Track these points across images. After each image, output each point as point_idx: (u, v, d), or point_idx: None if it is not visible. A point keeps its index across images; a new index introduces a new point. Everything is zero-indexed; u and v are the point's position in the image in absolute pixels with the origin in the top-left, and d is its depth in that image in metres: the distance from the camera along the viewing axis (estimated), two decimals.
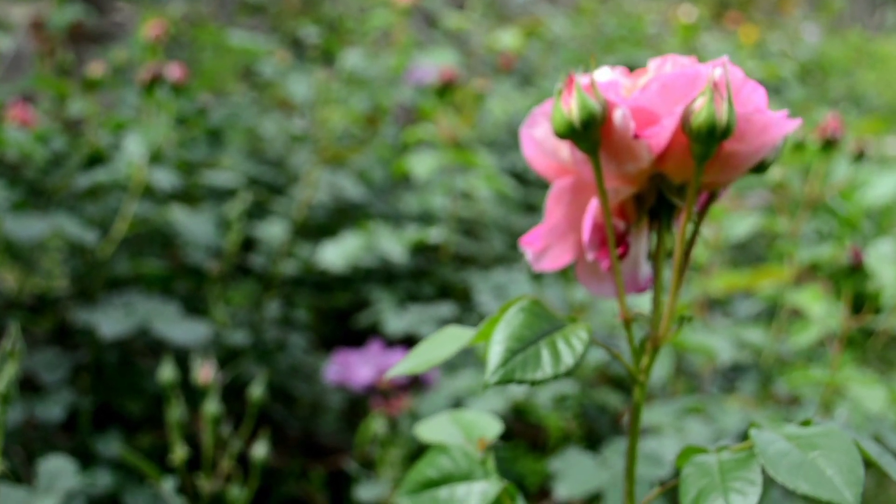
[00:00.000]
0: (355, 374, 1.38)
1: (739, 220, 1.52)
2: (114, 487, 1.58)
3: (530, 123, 0.67)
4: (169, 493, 1.19)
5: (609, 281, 0.71)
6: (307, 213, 2.13)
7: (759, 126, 0.62)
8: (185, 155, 2.06)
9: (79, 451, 1.69)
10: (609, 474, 1.28)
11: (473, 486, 0.74)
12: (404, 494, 0.76)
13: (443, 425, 0.80)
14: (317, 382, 2.05)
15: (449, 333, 0.68)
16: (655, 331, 0.66)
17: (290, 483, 2.03)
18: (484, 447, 0.76)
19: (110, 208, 1.88)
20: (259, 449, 1.22)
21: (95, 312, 1.67)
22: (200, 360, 1.23)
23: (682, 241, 0.64)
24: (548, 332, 0.63)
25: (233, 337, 1.84)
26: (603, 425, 1.90)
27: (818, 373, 1.26)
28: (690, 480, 0.64)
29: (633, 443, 0.68)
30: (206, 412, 1.18)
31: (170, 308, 1.68)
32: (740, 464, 0.63)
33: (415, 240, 1.76)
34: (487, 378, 0.60)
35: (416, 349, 0.68)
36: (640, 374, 0.67)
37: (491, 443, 0.76)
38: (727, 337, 1.52)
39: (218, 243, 1.91)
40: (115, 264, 1.90)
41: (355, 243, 1.73)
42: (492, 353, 0.61)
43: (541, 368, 0.61)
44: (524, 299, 0.63)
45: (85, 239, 1.68)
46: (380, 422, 1.39)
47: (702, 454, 0.67)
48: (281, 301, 2.12)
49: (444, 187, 1.97)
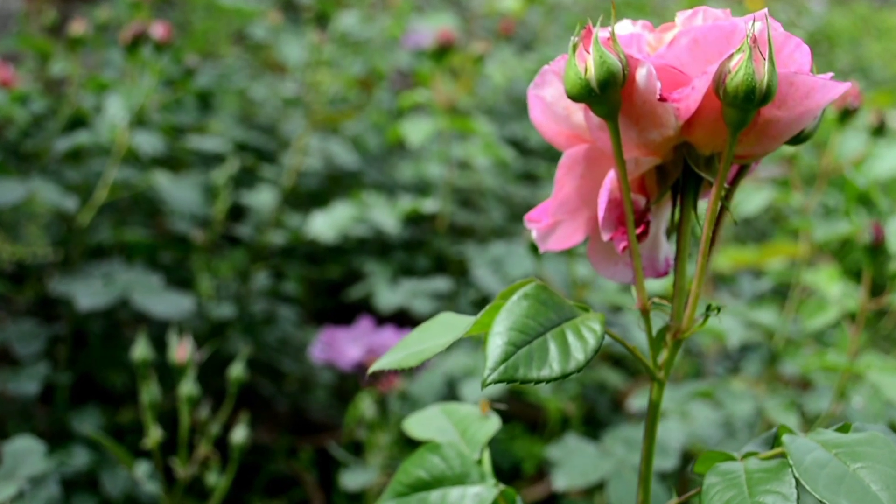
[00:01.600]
0: (343, 353, 1.30)
1: (752, 194, 1.43)
2: (90, 467, 1.51)
3: (538, 83, 0.59)
4: (142, 479, 1.11)
5: (624, 264, 0.63)
6: (298, 181, 2.04)
7: (802, 90, 0.54)
8: (171, 119, 1.97)
9: (55, 428, 1.61)
10: (611, 464, 1.20)
11: (468, 489, 0.66)
12: (390, 498, 0.68)
13: (434, 420, 0.72)
14: (306, 357, 1.97)
15: (443, 321, 0.60)
16: (677, 321, 0.58)
17: (279, 461, 1.96)
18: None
19: (92, 173, 1.80)
20: (238, 433, 1.14)
21: (74, 283, 1.58)
22: (177, 336, 1.15)
23: (710, 219, 0.56)
24: (556, 323, 0.55)
25: (218, 310, 1.76)
26: (603, 406, 1.83)
27: (835, 358, 1.18)
28: (714, 492, 0.56)
29: (649, 445, 0.60)
30: (181, 393, 1.10)
31: (152, 279, 1.60)
32: (771, 475, 0.56)
33: (408, 210, 1.68)
34: (486, 376, 0.52)
35: (406, 339, 0.60)
36: (659, 371, 0.59)
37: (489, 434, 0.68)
38: (736, 317, 1.44)
39: (204, 211, 1.83)
40: (96, 232, 1.82)
41: (346, 213, 1.65)
42: (491, 347, 0.53)
43: (547, 365, 0.53)
44: (528, 284, 0.55)
45: (63, 204, 1.60)
46: (368, 404, 1.31)
47: (726, 461, 0.59)
48: (270, 273, 2.04)
49: (440, 155, 1.88)
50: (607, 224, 0.57)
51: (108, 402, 1.78)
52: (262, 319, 1.92)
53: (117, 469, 1.49)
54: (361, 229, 1.83)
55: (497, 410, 0.72)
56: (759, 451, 0.60)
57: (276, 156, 2.14)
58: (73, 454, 1.51)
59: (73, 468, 1.50)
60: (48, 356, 1.67)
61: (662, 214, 0.62)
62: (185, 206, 1.78)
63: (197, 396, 1.11)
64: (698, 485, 0.58)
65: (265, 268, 2.00)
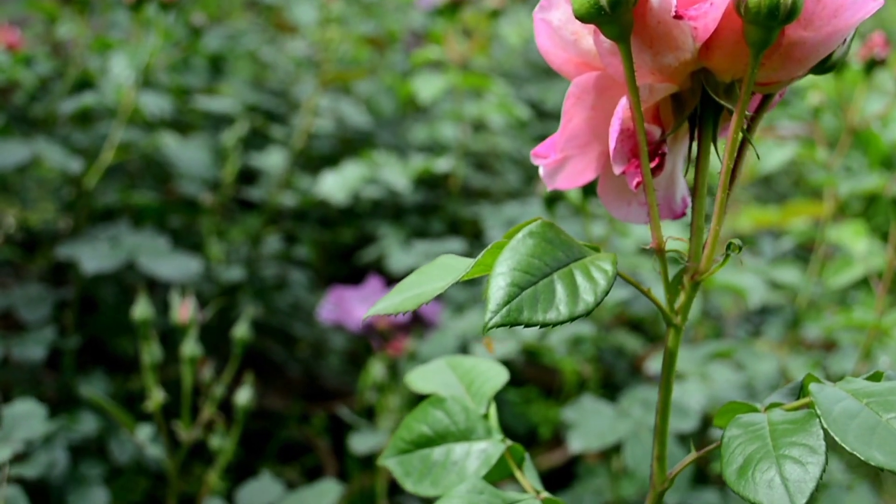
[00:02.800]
0: (351, 314, 1.26)
1: (774, 150, 1.38)
2: (98, 433, 1.48)
3: (545, 6, 0.54)
4: (144, 442, 1.08)
5: (638, 203, 0.58)
6: (309, 144, 2.00)
7: (830, 7, 0.49)
8: (179, 80, 1.94)
9: (63, 394, 1.58)
10: (628, 425, 1.16)
11: (473, 445, 0.62)
12: (391, 455, 0.65)
13: (439, 373, 0.68)
14: (318, 322, 1.94)
15: (443, 263, 0.56)
16: (695, 263, 0.54)
17: (291, 427, 1.93)
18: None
19: (99, 136, 1.76)
20: (243, 395, 1.11)
21: (79, 246, 1.55)
22: (180, 295, 1.11)
23: (730, 152, 0.51)
24: (563, 263, 0.51)
25: (228, 273, 1.73)
26: (620, 370, 1.78)
27: (862, 316, 1.13)
28: (735, 445, 0.52)
29: (665, 397, 0.56)
30: (183, 353, 1.07)
31: (159, 242, 1.57)
32: (797, 426, 0.51)
33: (420, 169, 1.64)
34: (487, 319, 0.48)
35: (404, 283, 0.56)
36: (675, 316, 0.55)
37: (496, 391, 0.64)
38: (758, 276, 1.40)
39: (213, 174, 1.79)
40: (103, 196, 1.78)
41: (357, 173, 1.61)
42: (493, 288, 0.49)
43: (554, 307, 0.49)
44: (534, 222, 0.51)
45: (68, 166, 1.56)
46: (378, 366, 1.27)
47: (748, 413, 0.56)
48: (281, 236, 2.00)
49: (453, 115, 1.83)
50: (619, 156, 0.53)
51: (119, 370, 1.75)
52: (274, 284, 1.89)
53: (125, 435, 1.47)
54: (373, 190, 1.78)
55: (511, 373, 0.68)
56: (784, 402, 0.56)
57: (286, 118, 2.10)
58: (81, 420, 1.49)
59: (80, 434, 1.47)
60: (55, 321, 1.64)
61: (679, 150, 0.58)
62: (194, 168, 1.74)
63: (199, 357, 1.07)
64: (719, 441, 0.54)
65: (277, 231, 1.97)
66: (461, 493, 0.58)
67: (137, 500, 1.65)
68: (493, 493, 0.59)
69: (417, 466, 0.63)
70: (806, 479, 0.49)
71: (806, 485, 0.49)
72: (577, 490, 1.45)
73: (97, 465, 1.47)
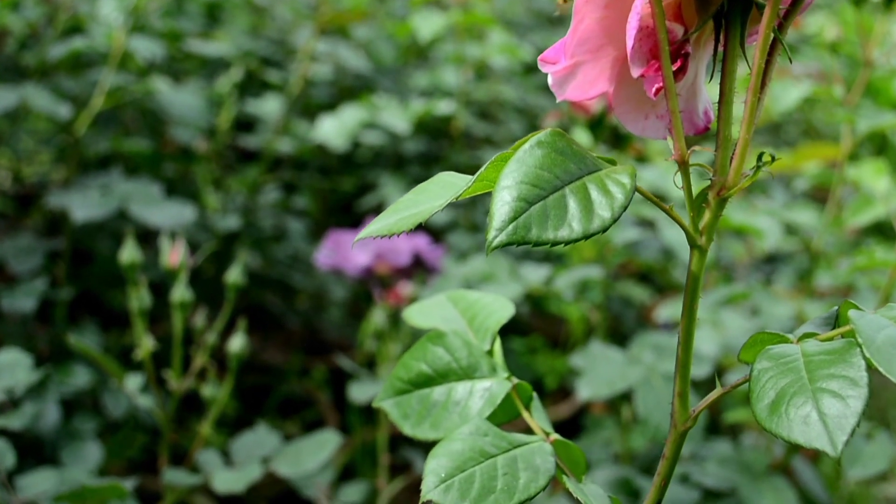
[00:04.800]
0: (349, 259, 1.20)
1: (789, 87, 1.32)
2: (91, 386, 1.43)
3: None
4: (133, 392, 1.03)
5: (657, 116, 0.53)
6: (307, 92, 1.94)
7: None
8: (172, 24, 1.87)
9: (55, 347, 1.54)
10: (639, 371, 1.11)
11: (476, 384, 0.57)
12: (387, 397, 0.60)
13: (439, 308, 0.63)
14: (318, 273, 1.89)
15: (441, 181, 0.51)
16: (721, 176, 0.48)
17: (291, 381, 1.89)
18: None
19: (89, 82, 1.70)
20: (236, 342, 1.06)
21: (70, 195, 1.50)
22: (170, 240, 1.06)
23: (762, 48, 0.46)
24: (576, 176, 0.45)
25: (224, 222, 1.67)
26: (629, 319, 1.74)
27: (884, 256, 1.08)
28: (766, 379, 0.47)
29: (688, 326, 0.51)
30: (173, 299, 1.02)
31: (152, 189, 1.51)
32: (836, 357, 0.46)
33: (421, 112, 1.58)
34: (491, 238, 0.43)
35: (400, 202, 0.50)
36: (700, 237, 0.49)
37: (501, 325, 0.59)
38: (772, 217, 1.34)
39: (208, 121, 1.73)
40: (95, 144, 1.73)
41: (356, 116, 1.55)
42: (498, 203, 0.43)
43: (566, 225, 0.43)
44: (543, 131, 0.46)
45: (57, 112, 1.51)
46: (378, 313, 1.22)
47: (779, 343, 0.50)
48: (280, 186, 1.95)
49: (455, 58, 1.77)
50: (637, 56, 0.47)
51: (114, 324, 1.71)
52: (272, 235, 1.84)
53: (119, 389, 1.42)
54: (373, 137, 1.73)
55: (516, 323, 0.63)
56: (818, 332, 0.51)
57: (284, 65, 2.04)
58: (73, 373, 1.44)
59: (73, 387, 1.42)
60: (47, 273, 1.59)
61: (702, 56, 0.52)
62: (188, 114, 1.68)
63: (190, 302, 1.02)
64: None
65: (275, 181, 1.92)
66: (463, 436, 0.53)
67: (134, 455, 1.61)
68: (499, 435, 0.54)
69: (416, 408, 0.58)
70: (846, 414, 0.44)
71: (846, 420, 0.44)
72: (584, 442, 1.41)
73: (91, 419, 1.43)
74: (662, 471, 0.53)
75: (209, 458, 1.06)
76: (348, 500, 1.16)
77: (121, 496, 0.93)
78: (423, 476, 0.51)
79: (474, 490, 0.51)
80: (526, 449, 0.53)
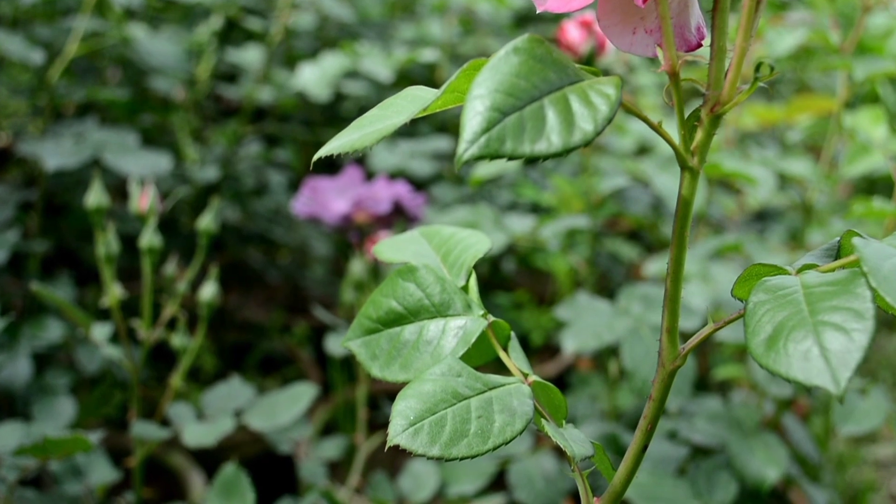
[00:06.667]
0: (328, 207, 1.16)
1: (784, 34, 1.28)
2: (64, 341, 1.39)
3: None
4: (101, 342, 0.99)
5: (644, 31, 0.48)
6: (289, 43, 1.89)
7: None
8: None
9: (27, 302, 1.49)
10: (627, 322, 1.06)
11: (450, 322, 0.53)
12: (356, 336, 0.56)
13: (412, 243, 0.59)
14: (300, 228, 1.84)
15: (409, 95, 0.46)
16: (715, 90, 0.44)
17: (273, 339, 1.85)
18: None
19: (63, 30, 1.65)
20: (207, 289, 1.02)
21: (42, 143, 1.45)
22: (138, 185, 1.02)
23: None
24: (556, 86, 0.41)
25: (203, 172, 1.62)
26: (617, 276, 1.70)
27: (882, 205, 1.04)
28: (762, 312, 0.43)
29: (678, 255, 0.47)
30: (142, 244, 0.98)
31: (127, 138, 1.47)
32: (839, 288, 0.42)
33: (405, 60, 1.53)
34: (461, 151, 0.38)
35: (364, 117, 0.46)
36: (692, 157, 0.45)
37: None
38: (766, 167, 1.30)
39: (187, 69, 1.68)
40: (71, 94, 1.68)
41: (336, 64, 1.50)
42: (469, 114, 0.39)
43: (544, 138, 0.39)
44: (521, 37, 0.42)
45: (29, 57, 1.46)
46: (358, 263, 1.18)
47: (777, 275, 0.46)
48: (261, 138, 1.90)
49: (439, 5, 1.72)
50: None
51: (91, 281, 1.66)
52: (253, 188, 1.79)
53: (94, 344, 1.38)
54: (355, 87, 1.68)
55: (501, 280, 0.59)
56: (818, 263, 0.47)
57: (265, 14, 1.99)
58: (46, 327, 1.40)
59: (45, 341, 1.38)
60: (21, 224, 1.54)
61: None
62: (166, 62, 1.63)
63: (159, 248, 0.98)
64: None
65: (256, 132, 1.87)
66: (435, 376, 0.49)
67: (111, 413, 1.57)
68: (473, 376, 0.50)
69: (385, 348, 0.54)
70: (850, 349, 0.40)
71: (850, 356, 0.40)
72: (570, 399, 1.37)
73: (64, 374, 1.39)
74: (649, 414, 0.49)
75: (180, 411, 1.02)
76: (326, 455, 1.12)
77: (85, 449, 0.89)
78: (391, 419, 0.47)
79: (445, 434, 0.47)
80: (502, 390, 0.49)
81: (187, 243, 1.62)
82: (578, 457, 0.49)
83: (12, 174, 1.82)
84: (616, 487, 0.52)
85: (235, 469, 0.88)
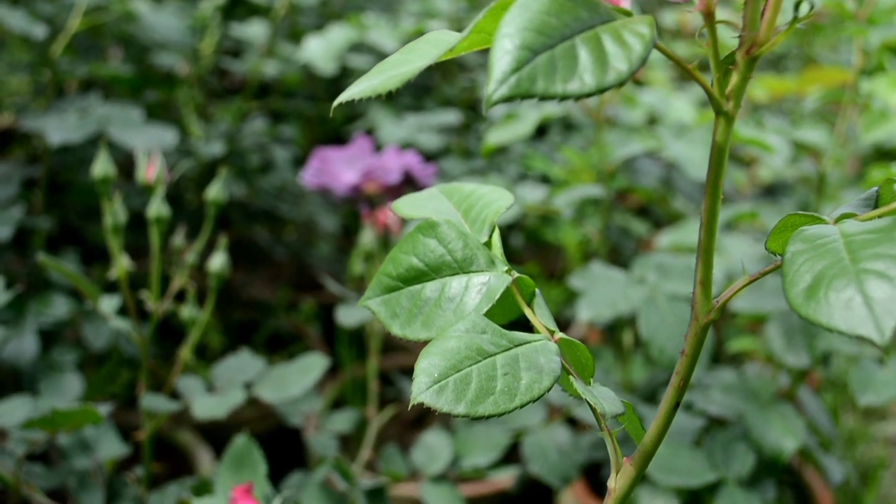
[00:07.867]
0: (337, 177, 1.14)
1: None
2: (71, 316, 1.38)
3: None
4: (109, 314, 0.98)
5: None
6: (294, 17, 1.87)
7: None
8: None
9: (33, 278, 1.48)
10: (643, 291, 1.05)
11: (473, 278, 0.52)
12: (375, 295, 0.54)
13: (432, 199, 0.57)
14: (306, 203, 1.83)
15: (432, 38, 0.45)
16: (752, 31, 0.42)
17: (280, 316, 1.84)
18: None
19: (66, 6, 1.63)
20: (216, 260, 1.00)
21: (46, 117, 1.43)
22: (144, 156, 1.00)
23: None
24: (588, 25, 0.39)
25: (208, 148, 1.61)
26: (627, 249, 1.68)
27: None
28: (801, 262, 0.41)
29: (712, 205, 0.46)
30: (149, 214, 0.96)
31: (132, 113, 1.45)
32: (881, 235, 0.41)
33: (411, 32, 1.51)
34: (491, 91, 0.37)
35: (385, 62, 0.44)
36: (727, 101, 0.44)
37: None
38: (781, 136, 1.28)
39: (191, 43, 1.66)
40: (73, 68, 1.66)
41: (342, 36, 1.48)
42: (499, 53, 0.37)
43: (577, 77, 0.38)
44: None
45: (31, 31, 1.44)
46: (367, 234, 1.16)
47: (815, 224, 0.45)
48: (266, 114, 1.88)
49: None
50: None
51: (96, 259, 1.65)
52: (259, 165, 1.78)
53: (101, 320, 1.37)
54: (361, 61, 1.66)
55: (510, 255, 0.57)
56: (857, 213, 0.46)
57: None
58: (52, 303, 1.39)
59: (52, 318, 1.37)
60: (25, 201, 1.53)
61: None
62: (169, 36, 1.62)
63: (167, 218, 0.96)
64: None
65: (261, 108, 1.85)
66: (459, 333, 0.47)
67: (118, 391, 1.56)
68: (498, 333, 0.48)
69: (406, 306, 0.52)
70: (895, 296, 0.38)
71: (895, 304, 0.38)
72: None
73: (71, 351, 1.38)
74: (682, 369, 0.48)
75: (190, 383, 1.01)
76: (336, 428, 1.11)
77: (94, 421, 0.88)
78: (414, 377, 0.46)
79: (471, 391, 0.45)
80: (529, 347, 0.48)
81: (193, 219, 1.61)
82: (609, 414, 0.47)
83: (16, 152, 1.81)
84: (647, 446, 0.50)
85: (247, 440, 0.87)
